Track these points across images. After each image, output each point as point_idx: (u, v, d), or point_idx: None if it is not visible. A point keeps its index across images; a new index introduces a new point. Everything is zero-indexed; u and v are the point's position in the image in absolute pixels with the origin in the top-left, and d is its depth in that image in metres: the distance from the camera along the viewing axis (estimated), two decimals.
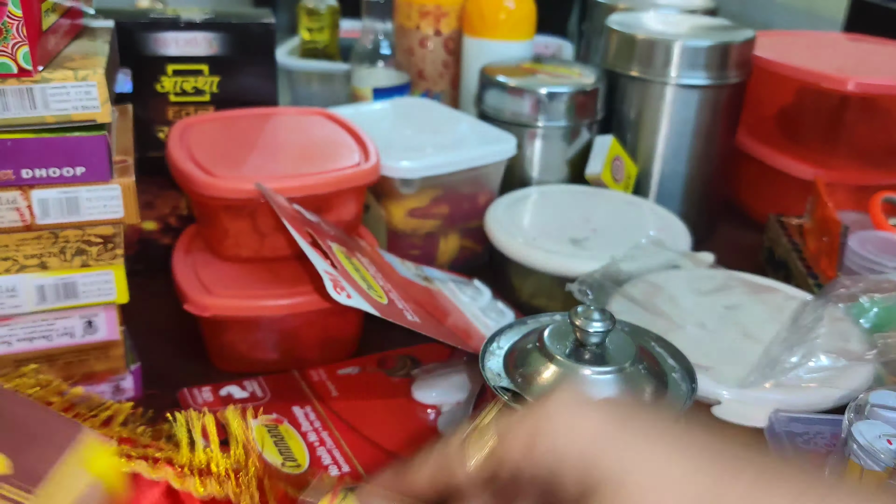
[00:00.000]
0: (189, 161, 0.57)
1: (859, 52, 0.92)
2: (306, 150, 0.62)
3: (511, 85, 0.77)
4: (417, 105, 0.82)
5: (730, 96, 0.78)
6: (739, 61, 0.77)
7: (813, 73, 0.78)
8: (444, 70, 0.93)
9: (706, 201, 0.83)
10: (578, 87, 0.76)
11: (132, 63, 0.64)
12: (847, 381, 0.48)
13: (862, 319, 0.54)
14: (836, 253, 0.63)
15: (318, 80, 1.03)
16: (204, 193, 0.55)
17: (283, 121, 0.68)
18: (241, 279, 0.57)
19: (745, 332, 0.53)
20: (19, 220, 0.46)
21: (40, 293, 0.49)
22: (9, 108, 0.43)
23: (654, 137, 0.79)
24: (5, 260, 0.48)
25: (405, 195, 0.68)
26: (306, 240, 0.50)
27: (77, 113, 0.44)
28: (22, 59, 0.42)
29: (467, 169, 0.70)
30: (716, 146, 0.80)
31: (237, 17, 0.68)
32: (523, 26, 0.87)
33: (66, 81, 0.43)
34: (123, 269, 0.50)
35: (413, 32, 0.92)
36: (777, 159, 0.83)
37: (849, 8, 1.20)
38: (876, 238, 0.67)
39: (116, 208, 0.48)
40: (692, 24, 0.83)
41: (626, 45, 0.78)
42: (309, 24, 1.06)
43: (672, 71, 0.75)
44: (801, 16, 1.31)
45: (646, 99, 0.78)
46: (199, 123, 0.65)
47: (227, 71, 0.68)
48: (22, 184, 0.45)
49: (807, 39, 0.95)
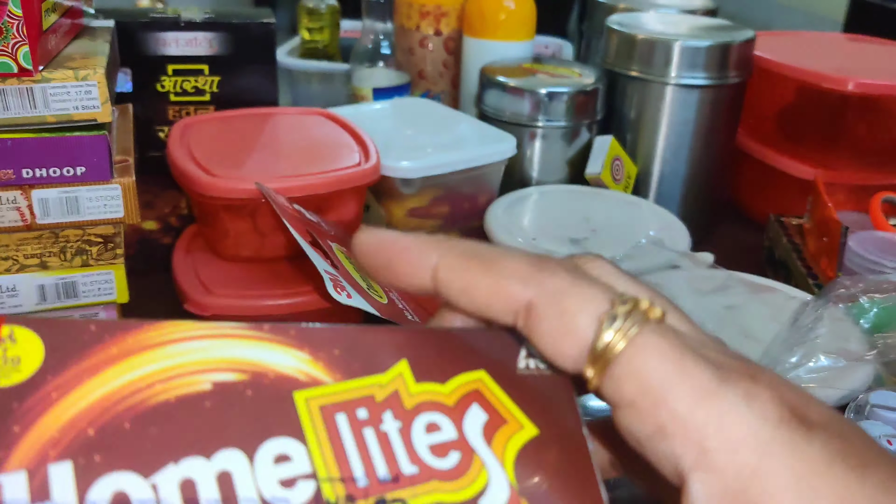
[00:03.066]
0: (189, 161, 0.57)
1: (859, 52, 0.92)
2: (307, 150, 0.62)
3: (511, 85, 0.77)
4: (418, 105, 0.82)
5: (730, 96, 0.78)
6: (739, 61, 0.77)
7: (813, 73, 0.78)
8: (444, 70, 0.93)
9: (706, 201, 0.83)
10: (578, 88, 0.76)
11: (132, 63, 0.64)
12: (847, 381, 0.48)
13: (862, 319, 0.54)
14: (836, 253, 0.63)
15: (318, 80, 1.03)
16: (204, 193, 0.55)
17: (284, 121, 0.68)
18: (242, 279, 0.57)
19: (745, 332, 0.53)
20: (20, 219, 0.46)
21: (40, 293, 0.49)
22: (9, 107, 0.43)
23: (653, 137, 0.79)
24: (6, 259, 0.48)
25: (405, 195, 0.68)
26: (306, 240, 0.50)
27: (77, 113, 0.44)
28: (22, 59, 0.42)
29: (467, 169, 0.70)
30: (716, 146, 0.80)
31: (237, 16, 0.68)
32: (523, 26, 0.87)
33: (67, 81, 0.43)
34: (123, 268, 0.50)
35: (413, 32, 0.92)
36: (777, 159, 0.83)
37: (849, 8, 1.20)
38: (876, 238, 0.67)
39: (117, 208, 0.48)
40: (692, 24, 0.83)
41: (626, 45, 0.78)
42: (309, 23, 1.06)
43: (672, 71, 0.75)
44: (801, 16, 1.31)
45: (646, 99, 0.78)
46: (200, 123, 0.65)
47: (228, 71, 0.68)
48: (22, 183, 0.45)
49: (807, 39, 0.95)
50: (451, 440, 0.21)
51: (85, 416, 0.19)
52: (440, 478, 0.21)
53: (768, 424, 0.17)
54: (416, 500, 0.20)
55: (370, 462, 0.20)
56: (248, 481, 0.19)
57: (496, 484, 0.21)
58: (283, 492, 0.19)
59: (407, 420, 0.21)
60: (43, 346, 0.20)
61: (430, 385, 0.22)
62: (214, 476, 0.19)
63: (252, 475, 0.19)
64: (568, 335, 0.20)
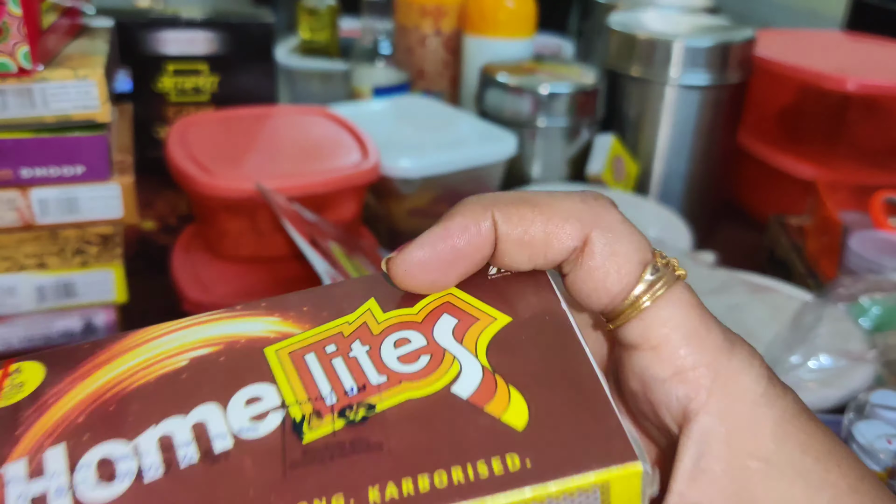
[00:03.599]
0: (189, 160, 0.57)
1: (859, 52, 0.92)
2: (306, 149, 0.62)
3: (511, 84, 0.77)
4: (417, 104, 0.82)
5: (730, 96, 0.78)
6: (740, 61, 0.77)
7: (813, 72, 0.78)
8: (443, 69, 0.93)
9: (707, 201, 0.83)
10: (579, 87, 0.76)
11: (132, 62, 0.64)
12: (847, 381, 0.48)
13: (862, 319, 0.54)
14: (836, 253, 0.63)
15: (317, 79, 1.03)
16: (203, 193, 0.55)
17: (283, 120, 0.68)
18: (241, 279, 0.57)
19: (745, 331, 0.53)
20: (19, 219, 0.46)
21: (40, 293, 0.49)
22: (8, 107, 0.43)
23: (654, 137, 0.79)
24: (5, 259, 0.47)
25: (405, 194, 0.68)
26: (306, 240, 0.50)
27: (77, 112, 0.44)
28: (22, 59, 0.42)
29: (468, 168, 0.70)
30: (716, 146, 0.80)
31: (237, 16, 0.68)
32: (523, 24, 0.87)
33: (66, 80, 0.43)
34: (123, 268, 0.50)
35: (413, 31, 0.92)
36: (778, 159, 0.83)
37: (849, 8, 1.19)
38: (876, 238, 0.67)
39: (116, 208, 0.48)
40: (693, 24, 0.83)
41: (626, 44, 0.78)
42: (309, 22, 1.06)
43: (672, 71, 0.75)
44: (801, 15, 1.31)
45: (646, 99, 0.78)
46: (199, 123, 0.64)
47: (227, 70, 0.68)
48: (21, 183, 0.45)
49: (807, 39, 0.95)
50: (420, 347, 0.21)
51: (76, 409, 0.21)
52: (410, 379, 0.20)
53: (762, 382, 0.21)
54: (384, 402, 0.20)
55: (338, 381, 0.21)
56: (221, 424, 0.20)
57: (468, 370, 0.20)
58: (254, 424, 0.20)
59: (375, 343, 0.21)
60: (44, 369, 0.22)
61: (398, 311, 0.22)
62: (189, 427, 0.20)
63: (224, 419, 0.20)
64: (613, 275, 0.21)
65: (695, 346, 0.21)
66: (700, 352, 0.21)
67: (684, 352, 0.21)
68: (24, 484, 0.19)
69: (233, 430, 0.20)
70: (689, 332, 0.21)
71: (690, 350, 0.21)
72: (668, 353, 0.21)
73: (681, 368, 0.21)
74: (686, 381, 0.21)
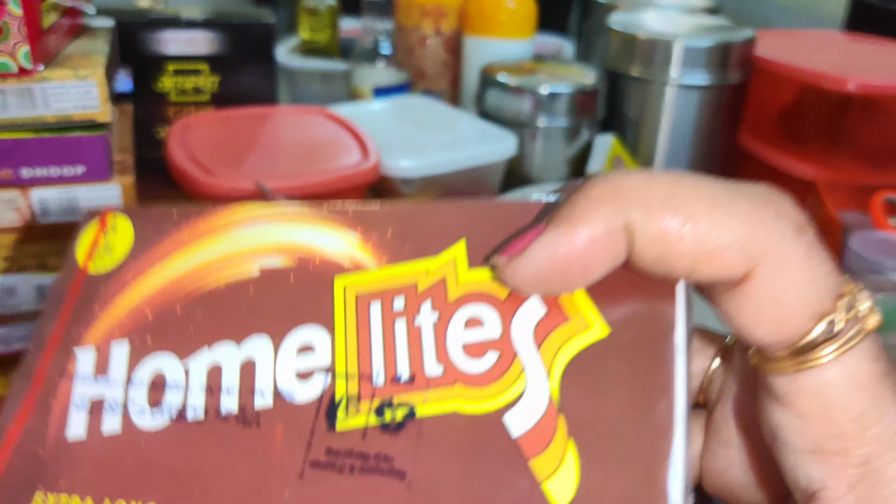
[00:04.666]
0: (189, 160, 0.57)
1: (859, 52, 0.92)
2: (306, 149, 0.62)
3: (511, 84, 0.77)
4: (418, 104, 0.82)
5: (731, 96, 0.78)
6: (740, 61, 0.77)
7: (813, 73, 0.78)
8: (444, 69, 0.93)
9: None
10: (579, 87, 0.76)
11: (132, 62, 0.64)
12: None
13: None
14: (836, 253, 0.63)
15: (317, 79, 1.03)
16: (204, 193, 0.55)
17: (283, 120, 0.68)
18: None
19: None
20: (19, 219, 0.46)
21: (40, 293, 0.49)
22: (9, 107, 0.43)
23: (654, 137, 0.79)
24: (4, 260, 0.47)
25: (405, 194, 0.68)
26: None
27: (77, 112, 0.44)
28: (22, 59, 0.42)
29: (468, 168, 0.70)
30: (717, 146, 0.80)
31: (237, 16, 0.68)
32: (524, 25, 0.87)
33: (66, 80, 0.43)
34: None
35: (413, 31, 0.92)
36: (778, 159, 0.83)
37: (849, 8, 1.19)
38: (876, 238, 0.67)
39: None
40: (693, 24, 0.83)
41: (626, 44, 0.78)
42: (309, 22, 1.06)
43: (673, 71, 0.75)
44: (801, 15, 1.31)
45: (646, 99, 0.78)
46: (199, 123, 0.64)
47: (227, 70, 0.68)
48: (21, 183, 0.45)
49: (807, 39, 0.95)
50: (490, 339, 0.18)
51: (148, 301, 0.21)
52: (466, 382, 0.18)
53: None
54: (427, 406, 0.18)
55: (392, 359, 0.19)
56: (268, 371, 0.20)
57: (532, 394, 0.17)
58: (298, 383, 0.19)
59: (446, 313, 0.19)
60: (133, 233, 0.22)
61: (485, 272, 0.19)
62: (239, 364, 0.20)
63: (273, 365, 0.20)
64: (772, 325, 0.17)
65: (853, 432, 0.16)
66: (858, 439, 0.16)
67: (837, 437, 0.16)
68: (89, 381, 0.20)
69: (277, 385, 0.19)
70: (851, 415, 0.16)
71: (847, 437, 0.16)
72: (815, 428, 0.17)
73: (824, 450, 0.17)
74: (828, 464, 0.16)
